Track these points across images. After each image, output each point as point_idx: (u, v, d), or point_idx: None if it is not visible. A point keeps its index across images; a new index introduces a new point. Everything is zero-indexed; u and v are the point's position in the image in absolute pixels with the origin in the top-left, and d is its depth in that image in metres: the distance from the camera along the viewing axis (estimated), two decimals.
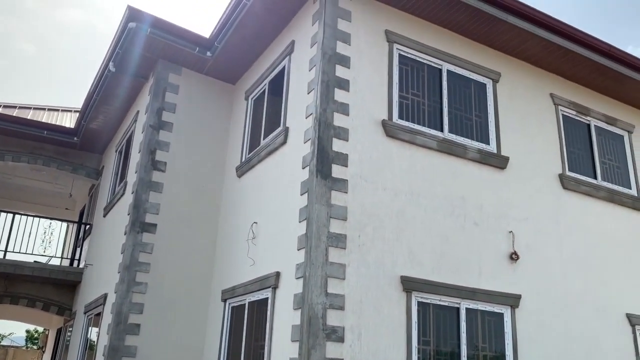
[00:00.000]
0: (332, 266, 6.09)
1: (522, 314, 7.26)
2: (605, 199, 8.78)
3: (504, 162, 7.87)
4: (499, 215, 7.60)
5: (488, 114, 8.09)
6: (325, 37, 6.93)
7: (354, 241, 6.35)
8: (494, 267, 7.29)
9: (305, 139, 6.79)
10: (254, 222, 7.69)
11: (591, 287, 8.11)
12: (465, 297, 6.87)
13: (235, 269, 7.97)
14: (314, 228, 6.13)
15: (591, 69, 8.85)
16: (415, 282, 6.57)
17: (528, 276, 7.52)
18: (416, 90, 7.59)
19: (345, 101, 6.84)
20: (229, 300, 7.96)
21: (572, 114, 9.02)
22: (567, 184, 8.39)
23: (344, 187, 6.47)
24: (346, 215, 6.38)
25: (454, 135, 7.63)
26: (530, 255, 7.64)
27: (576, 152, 8.88)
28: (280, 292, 6.59)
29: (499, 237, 7.49)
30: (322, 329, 5.79)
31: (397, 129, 7.10)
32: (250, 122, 8.86)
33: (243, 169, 8.55)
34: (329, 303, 5.92)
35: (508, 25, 7.84)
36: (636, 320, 8.30)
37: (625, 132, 9.60)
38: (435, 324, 6.67)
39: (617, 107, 9.65)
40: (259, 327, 6.97)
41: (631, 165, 9.42)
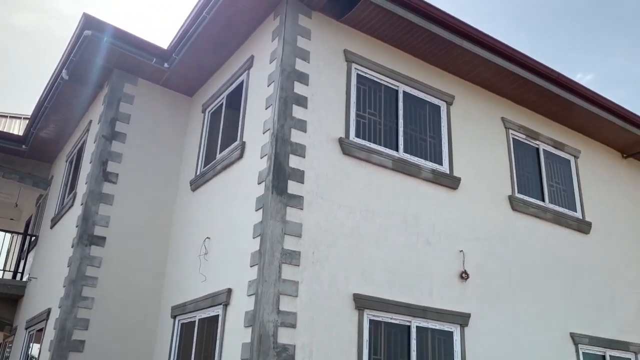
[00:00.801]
0: (285, 283, 6.05)
1: (471, 332, 7.38)
2: (552, 221, 9.08)
3: (456, 183, 8.05)
4: (451, 234, 7.74)
5: (442, 136, 8.28)
6: (284, 54, 6.96)
7: (308, 258, 6.34)
8: (445, 286, 7.40)
9: (262, 154, 6.76)
10: (207, 237, 7.57)
11: (538, 307, 8.34)
12: (416, 315, 6.94)
13: (186, 285, 7.81)
14: (267, 244, 6.08)
15: (541, 95, 9.19)
16: (368, 300, 6.60)
17: (477, 295, 7.66)
18: (373, 110, 7.69)
19: (303, 118, 6.87)
20: (179, 316, 7.78)
21: (522, 138, 9.33)
22: (516, 205, 8.65)
23: (300, 204, 6.47)
24: (301, 232, 6.36)
25: (409, 155, 7.76)
26: (479, 274, 7.80)
27: (525, 174, 9.18)
28: (231, 309, 6.49)
29: (450, 256, 7.63)
30: (273, 347, 5.72)
31: (354, 147, 7.16)
32: (207, 135, 8.76)
33: (197, 183, 8.43)
34: (280, 321, 5.86)
35: (463, 50, 8.08)
36: (579, 339, 8.57)
37: (572, 157, 9.99)
38: (386, 342, 6.69)
39: (565, 132, 10.05)
40: (209, 345, 6.83)
41: (577, 188, 9.80)
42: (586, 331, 8.75)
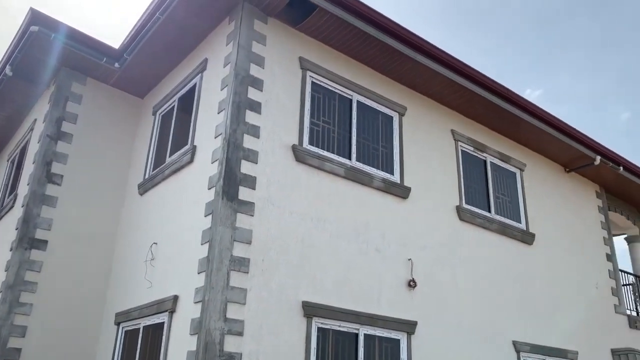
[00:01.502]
0: (233, 291, 5.97)
1: (417, 340, 7.48)
2: (497, 232, 9.35)
3: (406, 192, 8.17)
4: (400, 243, 7.85)
5: (393, 146, 8.40)
6: (238, 59, 6.91)
7: (257, 265, 6.28)
8: (393, 294, 7.48)
9: (212, 159, 6.67)
10: (154, 243, 7.39)
11: (482, 315, 8.54)
12: (364, 323, 6.98)
13: (132, 291, 7.59)
14: (216, 251, 5.99)
15: (489, 109, 9.47)
16: (317, 307, 6.59)
17: (424, 303, 7.78)
18: (327, 118, 7.73)
19: (256, 123, 6.82)
20: (123, 323, 7.55)
21: (470, 150, 9.58)
22: (463, 215, 8.86)
23: (251, 210, 6.41)
24: (251, 239, 6.30)
25: (361, 164, 7.83)
26: (427, 283, 7.93)
27: (473, 186, 9.42)
28: (177, 317, 6.35)
29: (399, 264, 7.72)
30: (219, 355, 5.62)
31: (307, 154, 7.17)
32: (157, 138, 8.58)
33: (146, 187, 8.23)
34: (227, 328, 5.77)
35: (416, 62, 8.23)
36: (520, 347, 8.83)
37: (518, 170, 10.33)
38: (334, 350, 6.70)
39: (511, 146, 10.38)
40: (153, 353, 6.65)
41: (521, 200, 10.13)
42: (528, 339, 9.03)
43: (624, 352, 10.94)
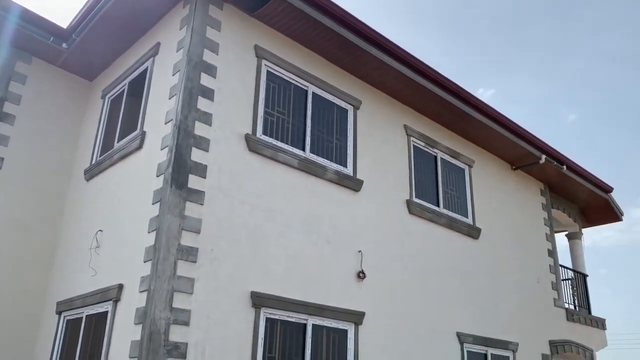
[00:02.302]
0: (180, 280, 5.87)
1: (365, 331, 7.58)
2: (445, 226, 9.57)
3: (359, 185, 8.24)
4: (351, 235, 7.92)
5: (347, 138, 8.44)
6: (192, 44, 6.77)
7: (205, 255, 6.20)
8: (342, 285, 7.55)
9: (162, 146, 6.52)
10: (99, 230, 7.18)
11: (428, 307, 8.74)
12: (312, 313, 7.01)
13: (75, 279, 7.37)
14: (163, 239, 5.88)
15: (441, 106, 9.65)
16: (265, 298, 6.57)
17: (373, 295, 7.89)
18: (281, 108, 7.69)
19: (209, 111, 6.71)
20: (65, 313, 7.32)
21: (421, 145, 9.75)
22: (413, 209, 9.01)
23: (200, 199, 6.31)
24: (200, 228, 6.21)
25: (315, 156, 7.84)
26: (376, 275, 8.04)
27: (423, 180, 9.59)
28: (121, 306, 6.20)
29: (349, 256, 7.79)
30: (164, 345, 5.53)
31: (260, 144, 7.11)
32: (105, 123, 8.32)
33: (92, 172, 7.98)
34: (173, 318, 5.68)
35: (371, 56, 8.28)
36: (464, 338, 9.09)
37: (466, 166, 10.59)
38: (281, 340, 6.71)
39: (461, 142, 10.63)
40: (96, 343, 6.48)
41: (469, 196, 10.39)
42: (471, 331, 9.31)
43: (561, 344, 11.44)
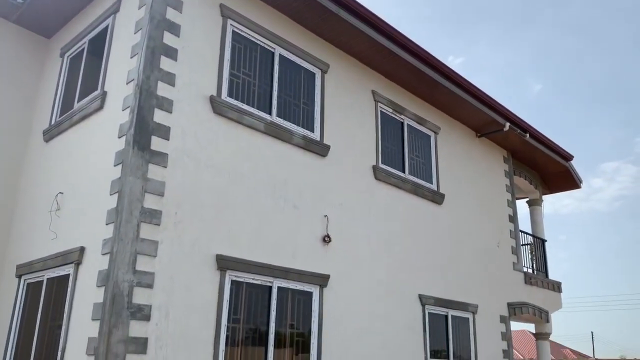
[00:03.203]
0: (143, 243, 5.81)
1: (330, 293, 7.70)
2: (410, 191, 9.69)
3: (325, 150, 8.24)
4: (317, 199, 7.95)
5: (315, 103, 8.38)
6: (154, 1, 6.53)
7: (169, 218, 6.13)
8: (308, 249, 7.61)
9: (124, 106, 6.35)
10: (60, 192, 7.02)
11: (392, 270, 8.92)
12: (278, 276, 7.08)
13: (35, 242, 7.22)
14: (126, 202, 5.78)
15: (409, 72, 9.64)
16: (231, 261, 6.58)
17: (338, 258, 7.99)
18: (248, 70, 7.55)
19: (172, 71, 6.54)
20: (25, 276, 7.20)
21: (389, 112, 9.76)
22: (379, 175, 9.08)
23: (163, 161, 6.20)
24: (163, 191, 6.13)
25: (282, 120, 7.77)
26: (341, 239, 8.13)
27: (389, 146, 9.65)
28: (83, 269, 6.12)
29: (315, 220, 7.84)
30: (127, 307, 5.51)
31: (225, 106, 7.00)
32: (64, 82, 8.04)
33: (52, 133, 7.74)
34: (136, 280, 5.64)
35: (339, 19, 8.16)
36: (426, 300, 9.34)
37: (432, 133, 10.68)
38: (247, 302, 6.76)
39: (428, 109, 10.69)
40: (57, 306, 6.41)
41: (434, 162, 10.52)
42: (433, 293, 9.57)
43: (519, 306, 11.89)
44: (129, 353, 5.42)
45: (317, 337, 7.37)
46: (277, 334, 6.94)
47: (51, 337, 6.32)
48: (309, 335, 7.34)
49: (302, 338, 7.27)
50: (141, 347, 5.53)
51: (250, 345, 6.68)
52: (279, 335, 6.96)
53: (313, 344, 7.33)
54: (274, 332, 6.89)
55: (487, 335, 10.69)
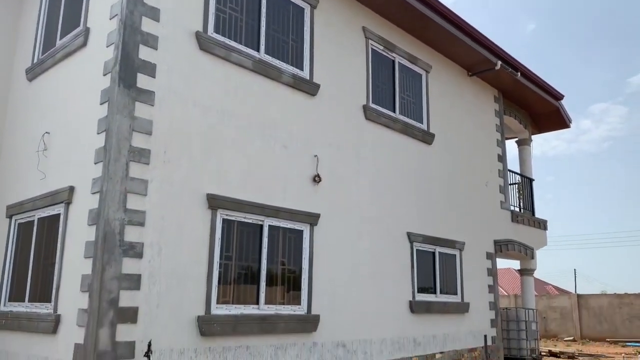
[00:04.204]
0: (133, 181, 5.80)
1: (320, 231, 7.81)
2: (400, 131, 9.67)
3: (315, 89, 8.13)
4: (307, 140, 7.92)
5: (304, 40, 8.20)
6: None
7: (158, 157, 6.10)
8: (298, 188, 7.66)
9: (108, 43, 6.17)
10: (46, 132, 6.93)
11: (381, 209, 9.03)
12: (269, 215, 7.14)
13: (23, 183, 7.19)
14: (113, 141, 5.72)
15: (401, 8, 9.41)
16: (222, 200, 6.61)
17: (328, 198, 8.06)
18: (234, 5, 7.32)
19: (156, 5, 6.32)
20: (16, 216, 7.21)
21: (380, 49, 9.59)
22: (369, 114, 9.03)
23: (150, 99, 6.10)
24: (151, 130, 6.06)
25: (270, 57, 7.61)
26: (331, 178, 8.16)
27: (380, 85, 9.54)
28: (73, 208, 6.13)
29: (305, 160, 7.85)
30: (119, 245, 5.56)
31: (212, 43, 6.83)
32: (45, 18, 7.77)
33: (35, 72, 7.55)
34: (127, 219, 5.67)
35: None
36: (414, 238, 9.52)
37: (424, 72, 10.55)
38: (238, 240, 6.85)
39: (419, 47, 10.51)
40: (50, 245, 6.46)
41: (425, 102, 10.45)
42: (421, 231, 9.74)
43: (505, 243, 12.17)
44: (123, 289, 5.52)
45: (308, 273, 7.53)
46: (269, 271, 7.08)
47: (45, 275, 6.41)
48: (300, 272, 7.50)
49: (293, 275, 7.43)
50: (134, 283, 5.63)
51: (242, 281, 6.83)
52: (270, 272, 7.10)
53: (304, 280, 7.50)
54: (266, 269, 7.03)
55: (473, 271, 11.00)
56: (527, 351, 12.49)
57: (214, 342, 6.26)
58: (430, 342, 9.59)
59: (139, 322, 5.59)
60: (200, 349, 6.10)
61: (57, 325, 5.85)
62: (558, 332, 26.81)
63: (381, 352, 8.51)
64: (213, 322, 6.23)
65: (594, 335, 25.73)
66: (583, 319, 26.44)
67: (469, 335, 10.68)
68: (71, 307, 5.72)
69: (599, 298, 26.64)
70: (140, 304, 5.63)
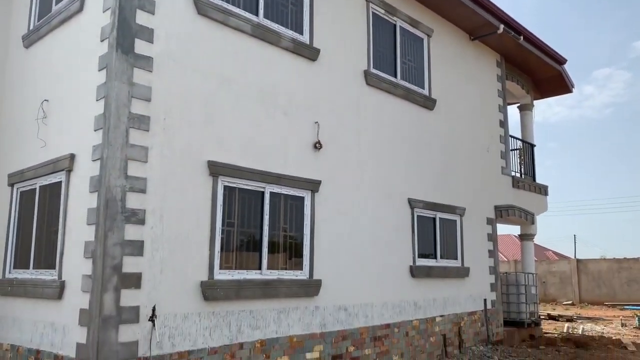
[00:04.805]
0: (134, 148, 5.79)
1: (321, 197, 7.84)
2: (401, 97, 9.60)
3: (315, 54, 8.03)
4: (307, 106, 7.86)
5: (303, 3, 8.06)
6: None
7: (158, 123, 6.07)
8: (299, 155, 7.64)
9: (104, 8, 6.07)
10: (45, 100, 6.88)
11: (382, 176, 9.04)
12: (270, 182, 7.15)
13: (24, 151, 7.18)
14: (113, 107, 5.69)
15: None
16: (223, 167, 6.61)
17: (329, 164, 8.06)
18: None
19: None
20: (17, 184, 7.23)
21: (381, 13, 9.43)
22: (370, 80, 8.94)
23: (149, 65, 6.04)
24: (150, 96, 6.01)
25: (269, 22, 7.50)
26: (332, 145, 8.14)
27: (381, 50, 9.42)
28: (75, 175, 6.14)
29: (306, 127, 7.81)
30: (121, 212, 5.59)
31: (210, 7, 6.71)
32: None
33: (31, 39, 7.45)
34: (129, 186, 5.68)
35: None
36: (415, 204, 9.56)
37: (425, 36, 10.40)
38: (240, 207, 6.88)
39: (421, 10, 10.33)
40: (52, 212, 6.49)
41: (426, 67, 10.34)
42: (422, 197, 9.77)
43: (505, 208, 12.22)
44: (126, 255, 5.57)
45: (309, 239, 7.59)
46: (271, 237, 7.13)
47: (49, 242, 6.46)
48: (302, 238, 7.55)
49: (295, 241, 7.48)
50: (137, 249, 5.67)
51: (244, 247, 6.88)
52: (272, 239, 7.15)
53: (305, 245, 7.56)
54: (268, 236, 7.08)
55: (473, 236, 11.07)
56: (527, 314, 12.69)
57: (218, 306, 6.35)
58: (430, 305, 9.73)
59: (142, 287, 5.66)
60: (204, 313, 6.20)
61: (62, 291, 5.93)
62: (557, 296, 27.17)
63: (382, 315, 8.65)
64: (216, 287, 6.31)
65: (593, 299, 26.09)
66: (582, 283, 26.76)
67: (469, 299, 10.83)
68: (75, 273, 5.78)
69: (598, 263, 26.90)
70: (143, 269, 5.69)
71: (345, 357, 7.89)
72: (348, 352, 7.94)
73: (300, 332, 7.28)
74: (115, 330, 5.39)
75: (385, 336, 8.65)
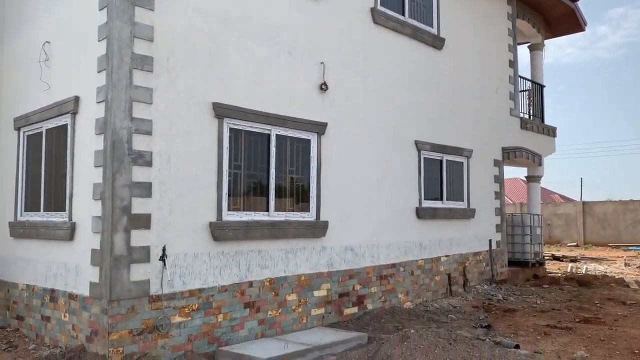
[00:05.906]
0: (138, 90, 5.73)
1: (327, 139, 7.80)
2: (409, 36, 9.37)
3: None
4: (312, 46, 7.70)
5: None
6: None
7: (162, 64, 5.98)
8: (305, 97, 7.55)
9: None
10: (46, 42, 6.77)
11: (389, 117, 8.95)
12: (276, 124, 7.11)
13: (28, 94, 7.14)
14: (115, 47, 5.59)
15: None
16: (228, 109, 6.56)
17: (335, 106, 7.97)
18: None
19: None
20: (23, 128, 7.23)
21: None
22: (377, 18, 8.70)
23: (150, 4, 5.88)
24: (152, 36, 5.89)
25: None
26: (338, 86, 8.03)
27: None
28: (80, 118, 6.12)
29: (311, 67, 7.68)
30: (128, 154, 5.60)
31: None
32: None
33: None
34: (134, 128, 5.67)
35: None
36: (421, 146, 9.52)
37: None
38: (247, 149, 6.88)
39: None
40: (59, 155, 6.52)
41: (435, 4, 10.03)
42: (429, 139, 9.71)
43: (513, 150, 12.16)
44: (134, 197, 5.62)
45: (316, 182, 7.61)
46: (278, 179, 7.15)
47: (58, 185, 6.52)
48: (309, 181, 7.57)
49: (302, 183, 7.51)
50: (146, 191, 5.72)
51: (252, 190, 6.93)
52: (279, 181, 7.18)
53: (312, 188, 7.59)
54: (275, 178, 7.10)
55: (480, 178, 11.08)
56: (531, 255, 12.86)
57: (227, 246, 6.46)
58: (435, 246, 9.86)
59: (152, 228, 5.74)
60: (214, 252, 6.31)
61: (73, 233, 6.04)
62: (562, 238, 27.44)
63: (388, 255, 8.79)
64: (225, 227, 6.39)
65: (597, 240, 26.33)
66: (587, 225, 26.95)
67: (474, 239, 10.95)
68: (85, 214, 5.87)
69: (603, 205, 26.99)
70: (152, 210, 5.76)
71: (352, 294, 8.08)
72: (355, 290, 8.12)
73: (308, 271, 7.43)
74: (127, 269, 5.51)
75: (391, 275, 8.82)
